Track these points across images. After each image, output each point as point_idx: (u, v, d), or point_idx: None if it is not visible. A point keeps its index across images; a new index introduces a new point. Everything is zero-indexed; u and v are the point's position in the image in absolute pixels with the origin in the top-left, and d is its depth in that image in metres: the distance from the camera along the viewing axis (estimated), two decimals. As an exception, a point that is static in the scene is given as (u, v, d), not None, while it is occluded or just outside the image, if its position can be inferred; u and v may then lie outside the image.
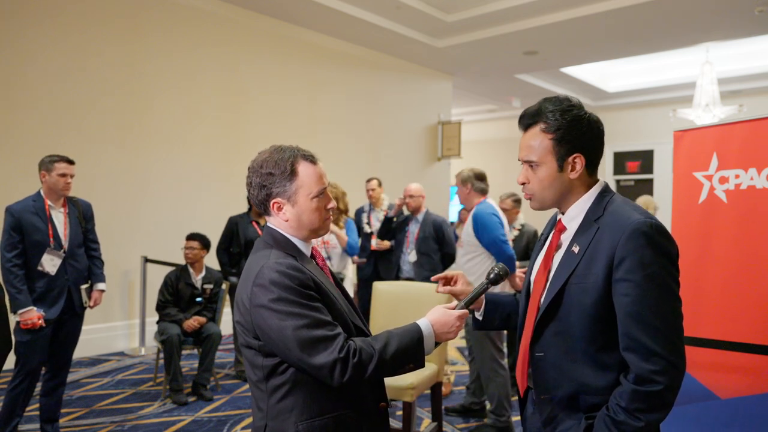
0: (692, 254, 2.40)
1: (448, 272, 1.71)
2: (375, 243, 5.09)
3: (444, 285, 1.69)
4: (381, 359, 1.41)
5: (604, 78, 10.88)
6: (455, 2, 6.95)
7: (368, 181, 5.45)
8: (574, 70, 9.97)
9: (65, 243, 3.34)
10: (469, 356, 3.91)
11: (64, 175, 3.29)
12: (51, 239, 3.27)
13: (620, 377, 1.34)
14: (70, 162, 3.34)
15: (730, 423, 2.31)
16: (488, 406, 3.65)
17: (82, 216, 3.48)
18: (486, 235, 3.55)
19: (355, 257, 5.12)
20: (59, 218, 3.36)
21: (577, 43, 7.93)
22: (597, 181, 1.48)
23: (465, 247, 3.71)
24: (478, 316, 1.69)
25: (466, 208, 3.91)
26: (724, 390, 2.34)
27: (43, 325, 3.19)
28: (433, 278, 1.72)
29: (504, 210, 4.39)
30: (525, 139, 1.47)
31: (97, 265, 3.56)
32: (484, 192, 3.76)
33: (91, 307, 3.51)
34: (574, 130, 1.41)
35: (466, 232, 3.69)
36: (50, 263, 3.26)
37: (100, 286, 3.55)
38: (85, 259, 3.49)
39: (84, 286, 3.45)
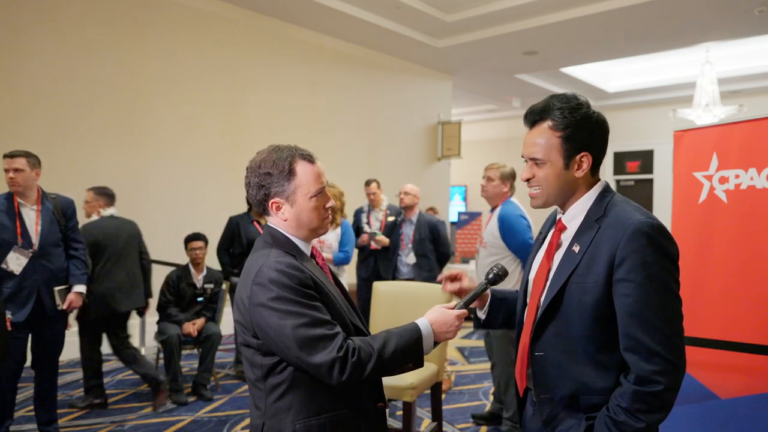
0: (692, 254, 2.40)
1: (453, 271, 1.69)
2: (373, 231, 5.12)
3: (451, 282, 1.64)
4: (380, 358, 1.41)
5: (604, 78, 10.88)
6: (455, 2, 6.95)
7: (367, 184, 5.41)
8: (574, 70, 9.96)
9: (35, 241, 3.18)
10: (489, 360, 3.85)
11: (7, 171, 3.14)
12: (19, 237, 3.13)
13: (620, 378, 1.34)
14: (11, 156, 3.15)
15: (730, 423, 2.31)
16: (505, 413, 3.54)
17: (61, 214, 3.30)
18: (514, 239, 3.45)
19: (364, 236, 5.14)
20: (30, 216, 3.21)
21: (577, 43, 7.92)
22: (598, 180, 1.48)
23: (489, 248, 3.57)
24: (481, 314, 1.66)
25: (489, 202, 3.71)
26: (724, 390, 2.34)
27: (9, 328, 3.00)
28: (439, 278, 1.69)
29: None
30: (531, 136, 1.45)
31: (77, 266, 3.35)
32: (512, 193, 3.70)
33: (65, 310, 3.30)
34: (583, 129, 1.40)
35: (491, 233, 3.55)
36: (15, 262, 3.10)
37: (79, 288, 3.33)
38: (62, 259, 3.30)
39: (60, 288, 3.27)
